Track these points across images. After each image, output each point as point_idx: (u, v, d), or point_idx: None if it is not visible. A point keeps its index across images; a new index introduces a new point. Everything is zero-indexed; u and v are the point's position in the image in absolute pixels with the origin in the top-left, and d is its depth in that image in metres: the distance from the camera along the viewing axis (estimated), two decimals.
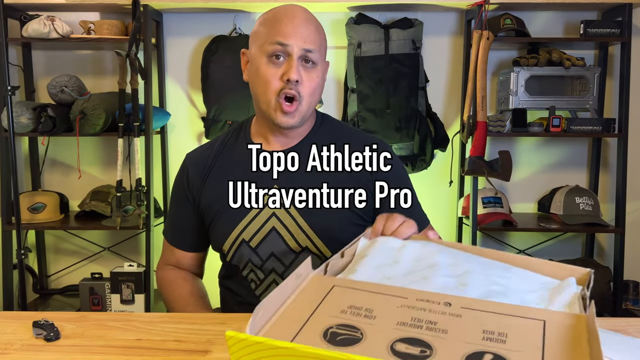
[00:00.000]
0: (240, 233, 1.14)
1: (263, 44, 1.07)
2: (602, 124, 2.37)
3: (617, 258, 2.45)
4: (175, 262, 1.28)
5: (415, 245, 0.84)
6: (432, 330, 0.58)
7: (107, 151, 2.64)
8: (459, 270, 0.75)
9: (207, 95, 2.47)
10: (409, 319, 0.60)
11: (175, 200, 1.25)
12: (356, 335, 0.57)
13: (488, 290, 0.70)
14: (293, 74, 1.05)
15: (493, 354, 0.54)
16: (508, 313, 0.62)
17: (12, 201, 2.33)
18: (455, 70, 2.59)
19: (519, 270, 0.79)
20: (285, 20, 1.06)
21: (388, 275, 0.75)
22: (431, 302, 0.64)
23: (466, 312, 0.62)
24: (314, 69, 1.09)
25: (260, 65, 1.07)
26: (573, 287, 0.73)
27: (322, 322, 0.60)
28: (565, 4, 2.37)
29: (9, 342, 0.88)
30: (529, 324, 0.59)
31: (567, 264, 0.80)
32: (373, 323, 0.60)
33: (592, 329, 0.57)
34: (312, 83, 1.08)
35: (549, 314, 0.62)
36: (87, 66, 2.60)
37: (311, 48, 1.06)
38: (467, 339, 0.56)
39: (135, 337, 0.89)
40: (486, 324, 0.59)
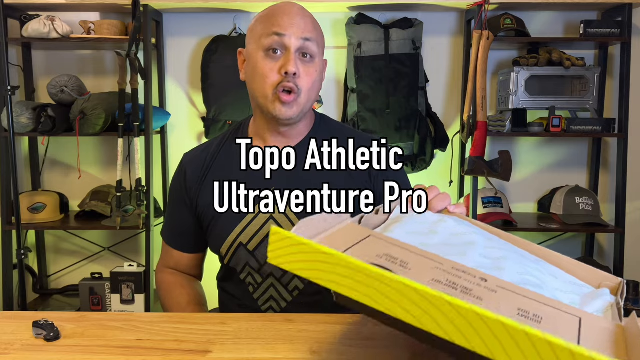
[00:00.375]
0: (237, 236, 1.13)
1: (259, 38, 1.06)
2: (602, 124, 2.37)
3: (617, 258, 2.45)
4: (174, 264, 1.27)
5: (453, 221, 0.79)
6: (466, 294, 0.55)
7: (107, 151, 2.64)
8: (496, 254, 0.71)
9: (207, 95, 2.47)
10: (444, 279, 0.58)
11: (172, 201, 1.24)
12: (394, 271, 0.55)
13: (524, 279, 0.66)
14: (291, 67, 1.03)
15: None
16: (544, 302, 0.58)
17: (12, 201, 2.33)
18: (455, 70, 2.59)
19: (551, 266, 0.76)
20: (281, 14, 1.06)
21: (424, 242, 0.71)
22: (467, 273, 0.60)
23: (501, 290, 0.58)
24: (312, 64, 1.08)
25: (257, 60, 1.06)
26: (607, 297, 0.70)
27: (358, 257, 0.57)
28: (565, 4, 2.37)
29: (9, 342, 0.88)
30: (564, 317, 0.57)
31: (598, 269, 0.78)
32: (408, 272, 0.58)
33: (633, 337, 0.54)
34: (310, 77, 1.07)
35: (585, 315, 0.58)
36: (87, 66, 2.60)
37: (309, 37, 1.06)
38: (501, 310, 0.54)
39: (135, 337, 0.89)
40: (522, 304, 0.56)
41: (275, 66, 1.05)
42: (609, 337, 0.55)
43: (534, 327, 0.48)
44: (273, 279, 1.14)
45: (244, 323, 0.93)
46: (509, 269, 0.67)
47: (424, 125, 2.45)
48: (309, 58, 1.07)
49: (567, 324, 0.55)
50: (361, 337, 0.87)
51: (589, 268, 0.77)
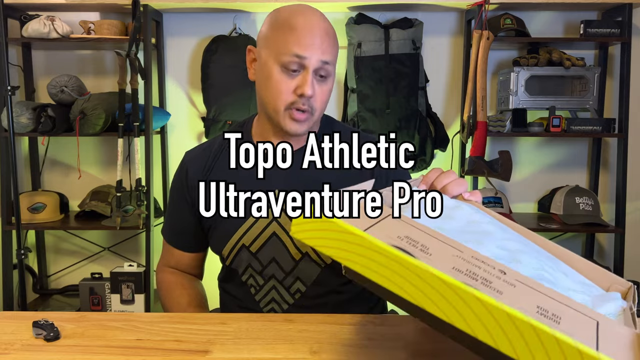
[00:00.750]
0: (240, 238, 1.12)
1: (278, 52, 1.02)
2: (602, 124, 2.37)
3: (617, 258, 2.45)
4: (175, 263, 1.27)
5: (470, 208, 0.78)
6: (487, 287, 0.54)
7: (107, 151, 2.64)
8: (512, 246, 0.70)
9: (207, 95, 2.47)
10: (464, 268, 0.57)
11: (173, 199, 1.23)
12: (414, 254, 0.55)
13: (539, 275, 0.65)
14: (308, 90, 1.01)
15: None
16: (562, 302, 0.57)
17: (12, 201, 2.33)
18: (455, 70, 2.59)
19: (562, 263, 0.75)
20: (305, 30, 1.01)
21: (441, 226, 0.70)
22: (486, 264, 0.59)
23: (520, 285, 0.57)
24: (326, 82, 1.05)
25: (272, 73, 1.03)
26: (619, 301, 0.68)
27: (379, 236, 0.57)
28: (565, 4, 2.37)
29: (9, 342, 0.88)
30: (582, 319, 0.55)
31: (608, 271, 0.77)
32: (429, 258, 0.56)
33: None
34: (324, 96, 1.06)
35: (602, 317, 0.57)
36: (87, 66, 2.60)
37: (328, 60, 1.02)
38: (522, 305, 0.53)
39: (135, 337, 0.89)
40: (540, 302, 0.55)
41: (291, 84, 1.02)
42: (626, 343, 0.54)
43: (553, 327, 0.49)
44: (275, 281, 1.13)
45: (244, 323, 0.93)
46: (525, 262, 0.66)
47: (424, 125, 2.45)
48: (325, 78, 1.05)
49: (585, 327, 0.54)
50: (361, 337, 0.87)
51: (599, 269, 0.77)
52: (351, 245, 0.54)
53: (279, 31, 1.03)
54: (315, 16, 1.04)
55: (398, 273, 0.53)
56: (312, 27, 1.02)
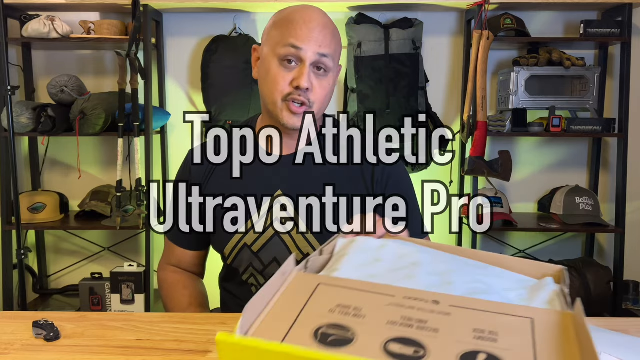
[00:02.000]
0: (242, 237, 1.12)
1: (276, 45, 1.04)
2: (602, 124, 2.37)
3: (617, 258, 2.45)
4: (177, 262, 1.27)
5: (395, 244, 0.82)
6: (423, 330, 0.57)
7: (107, 151, 2.64)
8: (442, 269, 0.74)
9: (207, 95, 2.47)
10: (398, 317, 0.59)
11: (176, 197, 1.23)
12: (347, 336, 0.56)
13: (473, 288, 0.69)
14: (304, 82, 1.02)
15: (487, 353, 0.53)
16: (496, 311, 0.61)
17: (12, 201, 2.33)
18: (455, 70, 2.59)
19: (495, 268, 0.78)
20: (301, 22, 1.03)
21: (372, 273, 0.74)
22: (419, 300, 0.62)
23: (455, 310, 0.61)
24: (326, 77, 1.05)
25: (271, 67, 1.05)
26: (551, 285, 0.72)
27: (311, 322, 0.59)
28: (565, 4, 2.37)
29: (9, 342, 0.88)
30: (517, 322, 0.59)
31: (540, 262, 0.80)
32: (363, 323, 0.59)
33: (581, 324, 0.56)
34: (323, 91, 1.06)
35: (535, 312, 0.62)
36: (87, 66, 2.60)
37: (326, 52, 1.03)
38: (458, 338, 0.55)
39: (135, 337, 0.89)
40: (476, 322, 0.58)
41: (288, 77, 1.04)
42: (560, 332, 0.57)
43: (490, 349, 0.52)
44: None
45: None
46: (456, 281, 0.70)
47: (424, 125, 2.45)
48: (323, 71, 1.05)
49: (521, 332, 0.57)
50: None
51: (531, 262, 0.80)
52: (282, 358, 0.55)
53: (279, 26, 1.05)
54: (315, 12, 1.06)
55: None
56: (310, 20, 1.03)
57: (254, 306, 0.59)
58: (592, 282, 2.36)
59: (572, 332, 0.57)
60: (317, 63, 1.03)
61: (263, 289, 0.62)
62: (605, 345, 0.90)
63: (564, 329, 0.58)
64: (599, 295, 2.36)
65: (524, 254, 2.65)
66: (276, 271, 1.12)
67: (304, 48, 1.02)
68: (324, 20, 1.05)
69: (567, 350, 0.54)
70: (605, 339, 0.93)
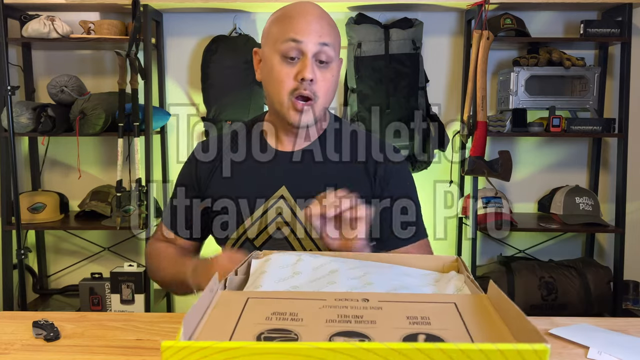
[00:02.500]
0: (244, 231, 1.13)
1: (276, 42, 1.05)
2: (602, 124, 2.37)
3: (617, 258, 2.45)
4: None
5: (309, 257, 0.84)
6: (361, 323, 0.59)
7: (107, 151, 2.64)
8: (358, 273, 0.78)
9: (207, 95, 2.47)
10: (335, 316, 0.61)
11: (180, 187, 1.22)
12: (291, 337, 0.56)
13: (392, 287, 0.74)
14: (308, 73, 1.02)
15: (425, 334, 0.57)
16: (421, 300, 0.66)
17: (12, 201, 2.33)
18: (455, 70, 2.59)
19: (400, 267, 0.83)
20: (298, 17, 1.04)
21: (295, 285, 0.76)
22: (350, 299, 0.65)
23: (384, 304, 0.64)
24: (328, 69, 1.06)
25: (274, 65, 1.05)
26: (456, 276, 0.78)
27: (251, 330, 0.59)
28: (565, 4, 2.37)
29: (9, 342, 0.88)
30: (444, 307, 0.64)
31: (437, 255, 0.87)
32: (303, 324, 0.60)
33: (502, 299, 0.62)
34: (326, 83, 1.06)
35: (455, 297, 0.68)
36: (87, 66, 2.60)
37: (326, 41, 1.04)
38: (395, 325, 0.59)
39: (135, 337, 0.89)
40: (407, 311, 0.62)
41: (291, 72, 1.04)
42: (481, 310, 0.63)
43: (427, 330, 0.57)
44: None
45: None
46: (376, 282, 0.75)
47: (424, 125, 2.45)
48: (325, 63, 1.06)
49: (449, 314, 0.62)
50: None
51: (428, 256, 0.87)
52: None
53: (277, 24, 1.07)
54: (310, 5, 1.07)
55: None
56: (307, 14, 1.05)
57: (191, 319, 0.59)
58: (592, 282, 2.37)
59: (491, 309, 0.64)
60: (318, 54, 1.04)
61: (195, 304, 0.62)
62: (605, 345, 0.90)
63: (483, 308, 0.64)
64: (599, 295, 2.36)
65: (524, 254, 2.65)
66: None
67: (304, 40, 1.03)
68: (320, 12, 1.07)
69: (492, 324, 0.60)
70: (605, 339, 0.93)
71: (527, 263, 2.45)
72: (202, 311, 0.64)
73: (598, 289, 2.36)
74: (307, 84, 1.03)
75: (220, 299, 0.68)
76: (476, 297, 0.67)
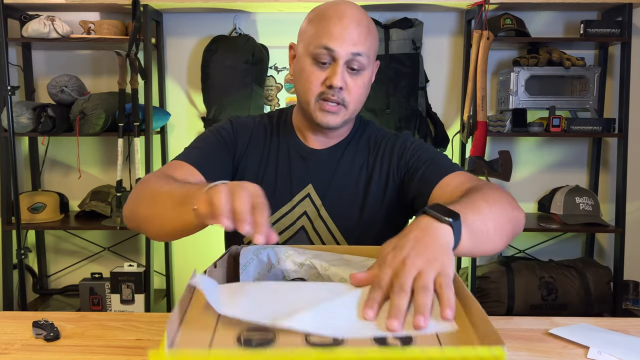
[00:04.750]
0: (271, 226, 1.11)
1: (309, 44, 1.02)
2: (602, 124, 2.37)
3: (617, 258, 2.45)
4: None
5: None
6: None
7: (107, 151, 2.64)
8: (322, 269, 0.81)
9: (207, 95, 2.47)
10: None
11: (210, 139, 1.10)
12: (269, 337, 0.58)
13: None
14: (337, 81, 1.00)
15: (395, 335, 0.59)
16: None
17: (12, 201, 2.33)
18: (455, 70, 2.59)
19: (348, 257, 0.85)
20: (335, 19, 1.00)
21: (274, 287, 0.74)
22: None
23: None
24: (360, 75, 1.03)
25: (305, 65, 1.03)
26: None
27: (231, 329, 0.60)
28: (565, 4, 2.37)
29: (9, 342, 0.88)
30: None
31: (370, 246, 0.88)
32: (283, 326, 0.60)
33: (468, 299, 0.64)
34: (357, 89, 1.03)
35: None
36: (87, 66, 2.60)
37: (360, 51, 1.00)
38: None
39: (135, 337, 0.89)
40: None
41: (321, 75, 1.02)
42: None
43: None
44: None
45: None
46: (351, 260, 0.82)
47: (424, 125, 2.45)
48: (357, 71, 1.03)
49: None
50: None
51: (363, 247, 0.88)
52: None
53: (312, 23, 1.04)
54: (350, 7, 1.03)
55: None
56: (343, 18, 1.00)
57: (174, 319, 0.60)
58: (592, 282, 2.37)
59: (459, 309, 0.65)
60: (350, 62, 1.02)
61: (178, 303, 0.63)
62: (605, 345, 0.90)
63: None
64: (599, 295, 2.36)
65: (524, 254, 2.65)
66: None
67: (337, 49, 1.00)
68: (359, 16, 1.02)
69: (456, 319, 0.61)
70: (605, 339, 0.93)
71: (527, 263, 2.45)
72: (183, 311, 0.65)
73: (598, 289, 2.36)
74: (335, 91, 1.01)
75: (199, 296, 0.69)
76: None
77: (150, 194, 0.92)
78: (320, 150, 1.13)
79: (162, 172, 1.01)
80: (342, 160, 1.13)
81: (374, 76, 1.10)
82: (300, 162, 1.12)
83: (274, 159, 1.13)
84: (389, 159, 1.12)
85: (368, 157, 1.13)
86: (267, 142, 1.15)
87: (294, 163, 1.13)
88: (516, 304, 2.34)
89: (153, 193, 0.91)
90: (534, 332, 0.96)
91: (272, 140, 1.15)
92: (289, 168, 1.13)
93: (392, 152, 1.12)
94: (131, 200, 0.97)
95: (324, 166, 1.13)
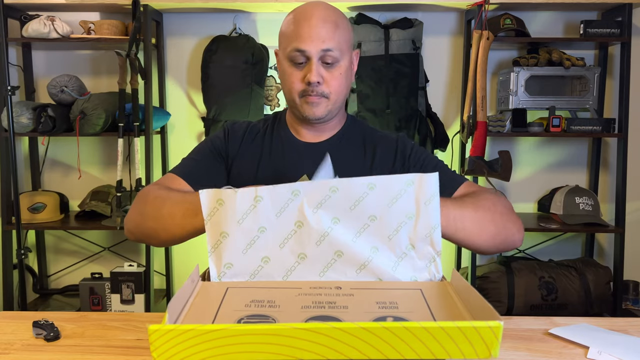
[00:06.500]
0: None
1: (285, 48, 1.10)
2: (602, 124, 2.37)
3: (617, 258, 2.45)
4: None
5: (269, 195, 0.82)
6: (334, 308, 0.65)
7: (107, 151, 2.64)
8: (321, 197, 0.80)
9: (207, 95, 2.47)
10: (310, 303, 0.66)
11: (204, 150, 1.17)
12: (269, 321, 0.60)
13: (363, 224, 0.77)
14: (313, 77, 1.06)
15: (393, 317, 0.62)
16: (390, 287, 0.72)
17: (12, 201, 2.33)
18: (455, 70, 2.59)
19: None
20: (303, 22, 1.07)
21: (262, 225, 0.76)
22: (324, 288, 0.71)
23: (356, 291, 0.70)
24: (336, 67, 1.09)
25: (285, 68, 1.11)
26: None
27: (231, 315, 0.63)
28: (565, 4, 2.37)
29: (9, 342, 0.88)
30: (410, 293, 0.71)
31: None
32: (280, 311, 0.64)
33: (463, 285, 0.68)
34: (335, 81, 1.09)
35: (421, 284, 0.75)
36: (87, 66, 2.60)
37: (330, 47, 1.06)
38: (366, 310, 0.65)
39: (135, 337, 0.89)
40: (376, 297, 0.68)
41: (299, 75, 1.09)
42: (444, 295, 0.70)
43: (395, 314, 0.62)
44: None
45: None
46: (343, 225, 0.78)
47: (424, 125, 2.45)
48: (331, 64, 1.08)
49: (415, 299, 0.68)
50: None
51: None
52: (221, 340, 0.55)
53: (286, 29, 1.11)
54: (315, 7, 1.09)
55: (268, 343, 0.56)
56: (310, 18, 1.07)
57: (175, 306, 0.61)
58: (592, 282, 2.37)
59: (453, 294, 0.70)
60: (323, 58, 1.07)
61: (178, 292, 0.64)
62: (605, 345, 0.90)
63: (446, 293, 0.71)
64: (599, 295, 2.36)
65: (524, 254, 2.65)
66: None
67: (307, 49, 1.06)
68: (324, 14, 1.08)
69: (454, 307, 0.66)
70: (605, 339, 0.93)
71: (527, 263, 2.45)
72: (185, 299, 0.67)
73: (598, 289, 2.36)
74: (314, 86, 1.07)
75: (201, 289, 0.72)
76: (440, 284, 0.75)
77: (155, 207, 0.98)
78: (313, 144, 1.17)
79: (160, 184, 1.09)
80: (336, 152, 1.14)
81: (355, 64, 1.16)
82: (294, 155, 1.16)
83: (268, 154, 1.17)
84: (393, 157, 1.17)
85: (365, 153, 1.17)
86: (261, 140, 1.19)
87: (288, 156, 1.16)
88: (516, 304, 2.34)
89: (158, 205, 0.98)
90: (534, 332, 0.96)
91: (265, 137, 1.19)
92: (284, 161, 1.16)
93: (396, 151, 1.17)
94: (134, 214, 1.02)
95: (318, 158, 1.14)
